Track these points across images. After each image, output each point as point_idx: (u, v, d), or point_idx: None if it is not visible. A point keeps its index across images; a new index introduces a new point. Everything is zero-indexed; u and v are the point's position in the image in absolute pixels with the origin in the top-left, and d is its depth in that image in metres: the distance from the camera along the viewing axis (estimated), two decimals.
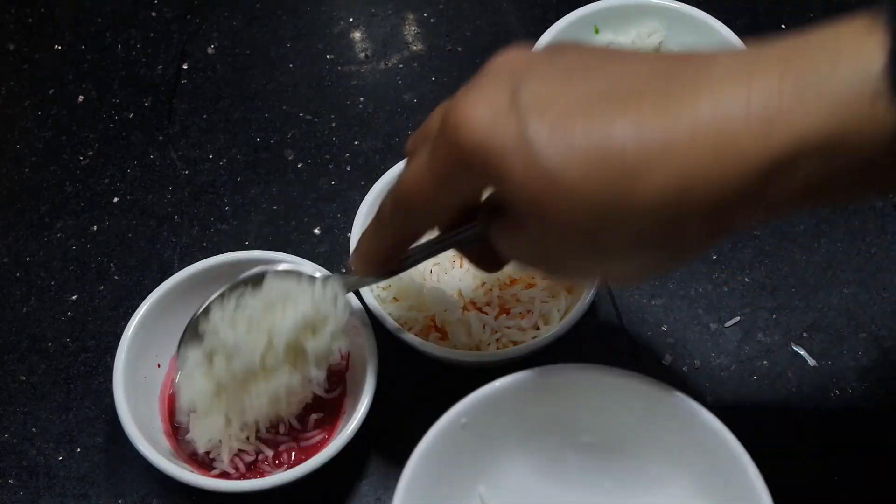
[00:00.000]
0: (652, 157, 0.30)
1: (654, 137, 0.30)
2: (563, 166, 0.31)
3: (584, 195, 0.32)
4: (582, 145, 0.31)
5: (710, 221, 0.32)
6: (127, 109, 0.66)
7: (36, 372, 0.56)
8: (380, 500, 0.51)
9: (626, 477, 0.46)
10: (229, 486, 0.46)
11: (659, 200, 0.31)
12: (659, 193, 0.31)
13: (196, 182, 0.63)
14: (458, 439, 0.44)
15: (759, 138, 0.30)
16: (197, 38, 0.70)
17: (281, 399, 0.47)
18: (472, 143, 0.33)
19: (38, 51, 0.70)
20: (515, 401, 0.44)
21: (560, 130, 0.32)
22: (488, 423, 0.44)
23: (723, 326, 0.56)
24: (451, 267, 0.53)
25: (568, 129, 0.32)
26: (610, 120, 0.31)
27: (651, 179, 0.31)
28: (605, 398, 0.44)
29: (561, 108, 0.32)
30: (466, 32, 0.69)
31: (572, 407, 0.45)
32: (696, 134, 0.30)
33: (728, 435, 0.42)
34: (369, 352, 0.49)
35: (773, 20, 0.68)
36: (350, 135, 0.64)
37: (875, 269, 0.57)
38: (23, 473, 0.52)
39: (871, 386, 0.53)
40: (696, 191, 0.31)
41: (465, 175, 0.35)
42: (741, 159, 0.30)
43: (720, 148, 0.30)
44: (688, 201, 0.31)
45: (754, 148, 0.30)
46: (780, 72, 0.30)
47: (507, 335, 0.51)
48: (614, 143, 0.31)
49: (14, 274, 0.59)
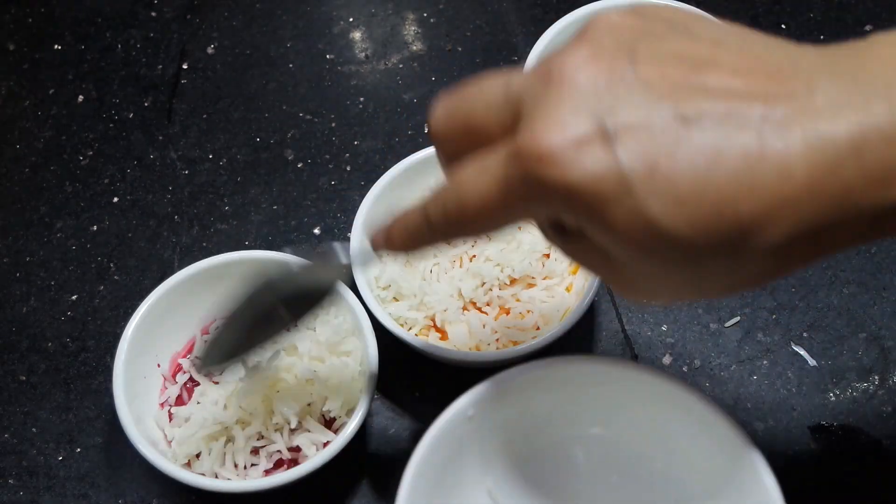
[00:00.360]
0: (770, 213, 0.29)
1: (768, 192, 0.29)
2: (670, 220, 0.29)
3: (692, 246, 0.30)
4: (690, 198, 0.29)
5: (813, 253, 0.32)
6: (127, 109, 0.66)
7: (36, 372, 0.56)
8: (379, 500, 0.51)
9: (634, 471, 0.46)
10: (229, 487, 0.46)
11: (772, 250, 0.30)
12: (773, 245, 0.30)
13: (196, 182, 0.63)
14: (464, 431, 0.43)
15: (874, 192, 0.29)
16: (197, 38, 0.70)
17: None
18: (560, 183, 0.30)
19: (38, 51, 0.70)
20: (523, 392, 0.44)
21: (663, 174, 0.29)
22: (496, 415, 0.44)
23: (723, 326, 0.56)
24: (451, 267, 0.53)
25: (672, 174, 0.29)
26: (716, 161, 0.29)
27: (767, 234, 0.30)
28: (614, 391, 0.44)
29: (661, 139, 0.29)
30: (466, 32, 0.69)
31: (581, 399, 0.45)
32: (814, 186, 0.29)
33: (737, 429, 0.41)
34: (369, 352, 0.49)
35: (773, 20, 0.68)
36: (350, 135, 0.64)
37: (875, 269, 0.57)
38: (23, 473, 0.52)
39: (871, 386, 0.53)
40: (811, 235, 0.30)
41: (544, 205, 0.32)
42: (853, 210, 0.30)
43: (834, 200, 0.29)
44: (801, 242, 0.30)
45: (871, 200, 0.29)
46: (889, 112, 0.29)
47: (507, 335, 0.51)
48: (726, 198, 0.29)
49: (14, 274, 0.59)
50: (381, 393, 0.53)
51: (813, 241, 0.30)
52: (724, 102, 0.30)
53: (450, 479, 0.44)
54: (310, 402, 0.49)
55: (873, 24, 0.67)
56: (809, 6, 0.69)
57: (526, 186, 0.31)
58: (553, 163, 0.30)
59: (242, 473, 0.48)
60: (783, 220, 0.30)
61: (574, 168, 0.30)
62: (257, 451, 0.49)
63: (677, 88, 0.30)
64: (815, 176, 0.29)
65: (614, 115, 0.30)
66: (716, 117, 0.29)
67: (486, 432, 0.44)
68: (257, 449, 0.49)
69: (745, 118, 0.29)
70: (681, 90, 0.30)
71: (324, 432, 0.48)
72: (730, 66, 0.30)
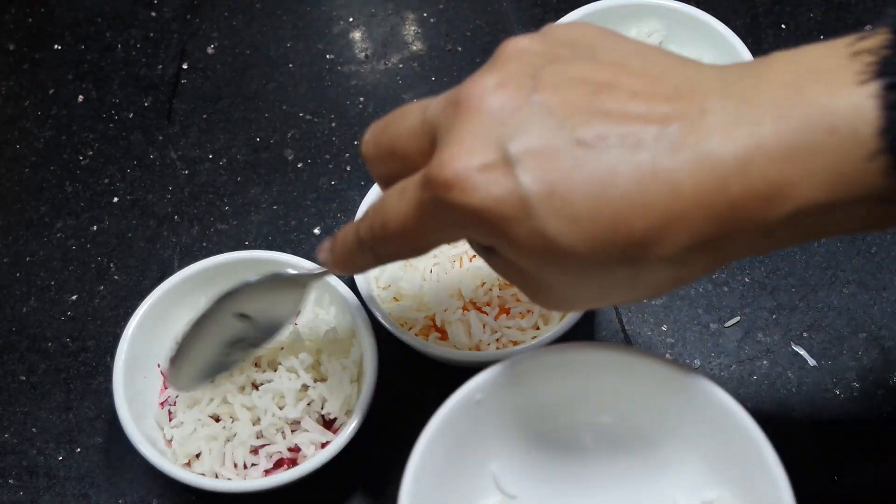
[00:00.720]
0: (662, 228, 0.31)
1: (658, 209, 0.31)
2: (567, 237, 0.31)
3: (590, 260, 0.32)
4: (586, 217, 0.31)
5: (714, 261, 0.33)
6: (127, 109, 0.66)
7: (36, 372, 0.56)
8: (379, 500, 0.51)
9: (642, 458, 0.45)
10: (229, 487, 0.46)
11: (669, 261, 0.32)
12: (668, 257, 0.32)
13: (196, 182, 0.63)
14: (472, 415, 0.43)
15: (760, 208, 0.31)
16: (197, 38, 0.70)
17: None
18: (467, 207, 0.32)
19: (38, 51, 0.70)
20: (532, 378, 0.44)
21: (560, 195, 0.31)
22: (504, 400, 0.44)
23: (723, 326, 0.56)
24: (451, 267, 0.53)
25: (569, 194, 0.31)
26: (610, 181, 0.31)
27: (661, 247, 0.31)
28: (623, 378, 0.44)
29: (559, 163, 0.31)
30: (466, 32, 0.69)
31: (589, 386, 0.45)
32: (701, 202, 0.31)
33: (746, 416, 0.41)
34: (369, 352, 0.49)
35: (773, 20, 0.68)
36: (350, 135, 0.64)
37: (875, 269, 0.57)
38: (23, 473, 0.52)
39: (871, 386, 0.53)
40: (706, 246, 0.32)
41: (457, 227, 0.34)
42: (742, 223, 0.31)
43: (722, 215, 0.31)
44: (697, 252, 0.32)
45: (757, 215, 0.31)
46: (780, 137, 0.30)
47: (507, 335, 0.51)
48: (619, 215, 0.31)
49: (14, 274, 0.59)
50: (380, 393, 0.53)
51: (709, 252, 0.32)
52: (621, 125, 0.31)
53: (456, 462, 0.43)
54: (310, 403, 0.49)
55: (873, 25, 0.67)
56: (809, 6, 0.69)
57: (438, 210, 0.33)
58: (459, 188, 0.32)
59: (242, 473, 0.48)
60: (675, 233, 0.31)
61: (478, 193, 0.32)
62: (257, 451, 0.49)
63: (577, 112, 0.32)
64: (702, 192, 0.31)
65: (517, 140, 0.32)
66: (612, 139, 0.31)
67: (494, 417, 0.44)
68: (257, 449, 0.49)
69: (641, 139, 0.31)
70: (580, 114, 0.32)
71: (323, 433, 0.48)
72: (629, 89, 0.32)
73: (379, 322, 0.50)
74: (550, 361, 0.44)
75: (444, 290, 0.52)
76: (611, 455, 0.46)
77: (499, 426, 0.45)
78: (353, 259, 0.40)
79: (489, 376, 0.43)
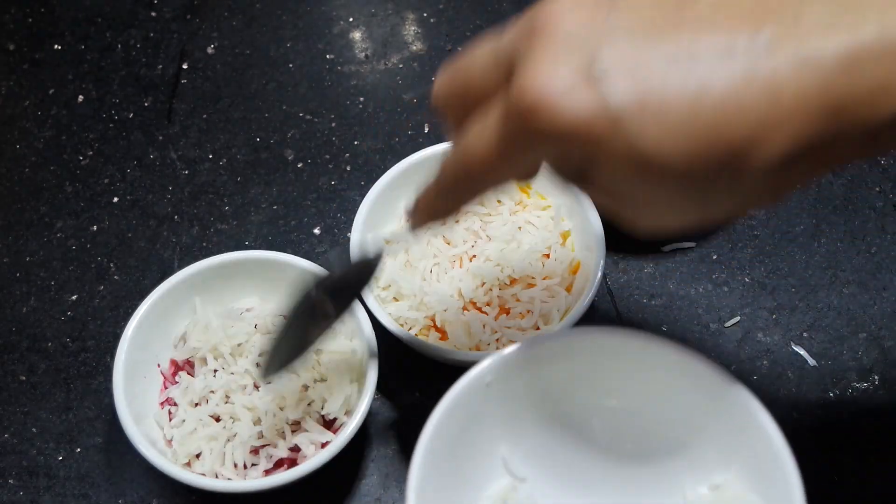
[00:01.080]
0: (761, 134, 0.30)
1: (757, 114, 0.30)
2: (663, 149, 0.30)
3: (688, 171, 0.31)
4: (681, 128, 0.30)
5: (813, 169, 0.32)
6: (127, 109, 0.66)
7: (36, 372, 0.56)
8: (380, 499, 0.51)
9: (650, 442, 0.45)
10: (229, 487, 0.46)
11: (769, 169, 0.31)
12: (769, 164, 0.31)
13: (196, 182, 0.63)
14: (481, 397, 0.43)
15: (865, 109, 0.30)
16: (197, 38, 0.70)
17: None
18: (554, 128, 0.31)
19: (38, 51, 0.70)
20: (542, 362, 0.44)
21: (652, 108, 0.30)
22: (513, 383, 0.44)
23: (723, 326, 0.56)
24: (451, 267, 0.53)
25: (661, 106, 0.30)
26: (703, 91, 0.30)
27: (761, 154, 0.31)
28: (633, 362, 0.44)
29: (648, 75, 0.30)
30: (466, 32, 0.69)
31: (599, 370, 0.45)
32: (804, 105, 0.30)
33: (755, 402, 0.41)
34: (369, 352, 0.49)
35: None
36: (350, 135, 0.64)
37: (875, 269, 0.57)
38: (23, 473, 0.52)
39: (871, 386, 0.53)
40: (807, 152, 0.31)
41: (543, 151, 0.33)
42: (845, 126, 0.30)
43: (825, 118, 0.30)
44: (798, 159, 0.31)
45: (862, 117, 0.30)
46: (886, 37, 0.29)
47: (507, 335, 0.51)
48: (716, 122, 0.30)
49: (14, 274, 0.59)
50: (380, 393, 0.53)
51: (810, 158, 0.31)
52: (708, 35, 0.31)
53: (465, 445, 0.43)
54: (310, 403, 0.49)
55: None
56: None
57: (522, 135, 0.32)
58: (544, 110, 0.31)
59: (242, 473, 0.48)
60: (775, 139, 0.30)
61: (565, 113, 0.31)
62: (257, 451, 0.49)
63: (659, 26, 0.31)
64: (803, 95, 0.30)
65: (600, 57, 0.31)
66: (700, 49, 0.30)
67: (504, 399, 0.44)
68: (257, 449, 0.49)
69: (731, 47, 0.30)
70: (662, 28, 0.31)
71: (323, 433, 0.48)
72: (709, 2, 0.31)
73: (379, 322, 0.50)
74: (559, 346, 0.44)
75: (444, 290, 0.52)
76: (619, 438, 0.46)
77: (508, 408, 0.45)
78: (435, 209, 0.39)
79: (499, 359, 0.43)
